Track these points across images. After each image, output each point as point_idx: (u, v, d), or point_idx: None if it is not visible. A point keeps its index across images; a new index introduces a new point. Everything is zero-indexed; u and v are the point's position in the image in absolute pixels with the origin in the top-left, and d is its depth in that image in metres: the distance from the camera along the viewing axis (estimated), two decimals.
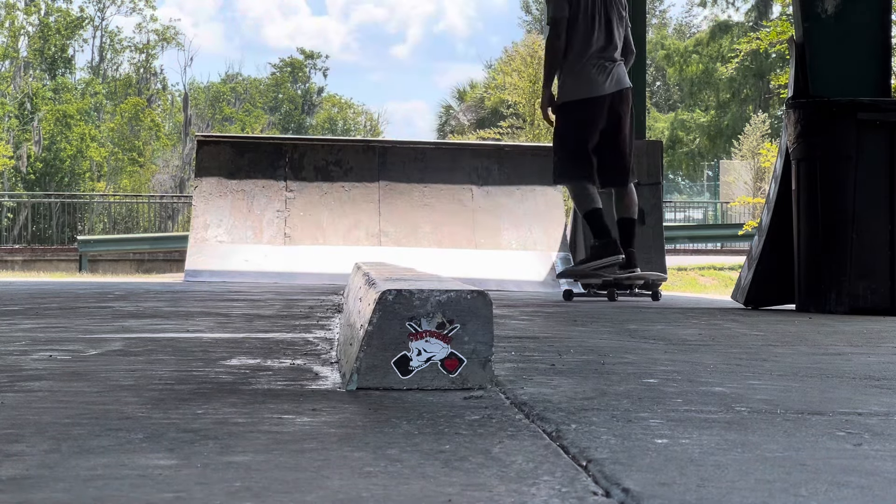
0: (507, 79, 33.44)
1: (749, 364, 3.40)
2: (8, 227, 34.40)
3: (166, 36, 49.68)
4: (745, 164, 37.39)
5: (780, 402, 2.52)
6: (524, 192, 11.55)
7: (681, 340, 4.30)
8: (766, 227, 7.15)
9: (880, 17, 6.89)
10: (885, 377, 3.10)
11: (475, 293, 2.57)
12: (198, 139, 12.00)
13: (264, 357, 3.30)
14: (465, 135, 39.57)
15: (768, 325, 5.35)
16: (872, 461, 1.84)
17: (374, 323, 2.54)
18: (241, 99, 56.31)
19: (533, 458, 1.81)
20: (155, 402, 2.36)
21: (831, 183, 6.52)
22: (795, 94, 6.83)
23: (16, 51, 45.20)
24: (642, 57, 12.12)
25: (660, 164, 11.85)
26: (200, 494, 1.53)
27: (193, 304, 5.96)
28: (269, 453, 1.81)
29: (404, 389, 2.53)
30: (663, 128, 47.96)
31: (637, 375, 3.01)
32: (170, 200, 37.22)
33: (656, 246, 11.58)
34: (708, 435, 2.05)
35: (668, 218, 37.85)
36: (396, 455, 1.81)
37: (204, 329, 4.36)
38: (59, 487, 1.56)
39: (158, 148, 46.13)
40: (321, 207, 11.24)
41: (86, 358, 3.22)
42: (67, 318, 4.92)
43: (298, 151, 11.52)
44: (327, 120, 59.11)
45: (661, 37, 52.49)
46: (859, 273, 6.44)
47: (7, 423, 2.07)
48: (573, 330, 4.98)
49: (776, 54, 35.58)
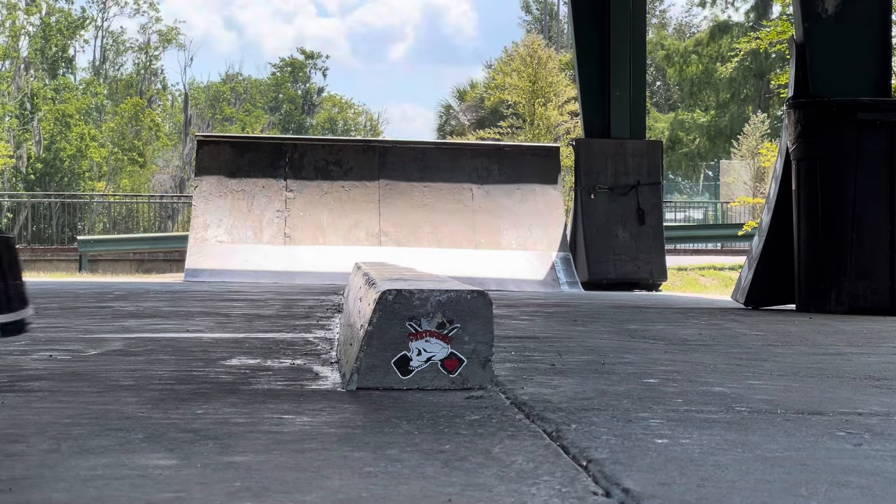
0: (507, 79, 33.42)
1: (749, 364, 3.40)
2: (8, 227, 34.39)
3: (169, 37, 49.71)
4: (745, 165, 37.39)
5: (780, 402, 2.52)
6: (524, 191, 11.55)
7: (681, 340, 4.30)
8: (766, 227, 7.15)
9: (880, 17, 6.89)
10: (885, 377, 3.10)
11: (475, 293, 2.56)
12: (198, 139, 12.00)
13: (264, 357, 3.30)
14: (465, 135, 39.57)
15: (768, 325, 5.35)
16: (872, 461, 1.84)
17: (374, 323, 2.54)
18: (241, 99, 56.31)
19: (533, 458, 1.81)
20: (155, 402, 2.36)
21: (831, 183, 6.52)
22: (795, 94, 6.82)
23: (16, 51, 45.20)
24: (642, 57, 12.13)
25: (660, 164, 11.87)
26: (200, 494, 1.53)
27: (193, 304, 5.95)
28: (269, 453, 1.81)
29: (404, 389, 2.53)
30: (663, 128, 47.95)
31: (637, 375, 3.01)
32: (170, 200, 37.21)
33: (656, 246, 11.59)
34: (708, 435, 2.04)
35: (668, 218, 37.82)
36: (396, 455, 1.81)
37: (204, 329, 4.36)
38: (59, 487, 1.56)
39: (158, 148, 46.12)
40: (321, 207, 11.25)
41: (86, 358, 3.22)
42: (67, 318, 4.92)
43: (298, 151, 11.52)
44: (327, 120, 59.10)
45: (661, 37, 52.48)
46: (859, 273, 6.44)
47: (7, 423, 2.07)
48: (573, 330, 4.97)
49: (776, 54, 35.57)
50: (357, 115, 62.41)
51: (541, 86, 31.21)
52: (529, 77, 31.42)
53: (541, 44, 32.93)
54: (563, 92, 31.24)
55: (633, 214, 11.50)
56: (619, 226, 11.47)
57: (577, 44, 12.18)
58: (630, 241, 11.44)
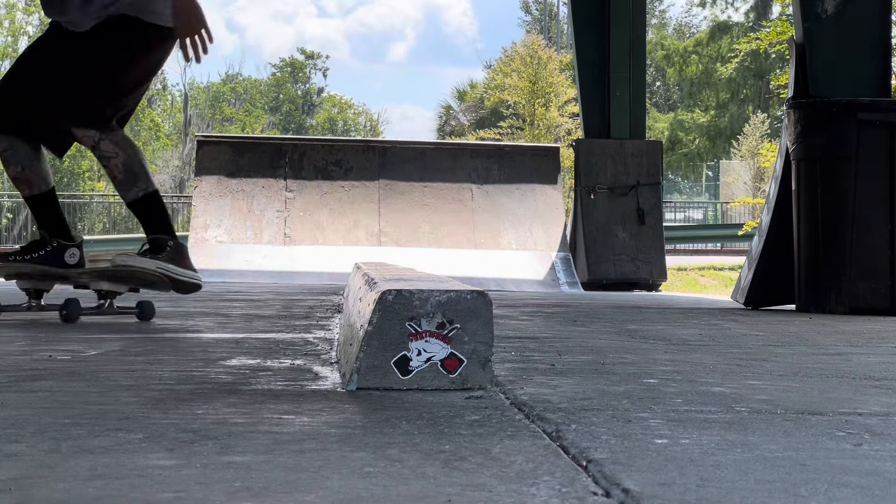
0: (507, 79, 33.43)
1: (749, 364, 3.40)
2: (8, 227, 34.40)
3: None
4: (745, 165, 37.41)
5: (780, 402, 2.52)
6: (524, 191, 11.55)
7: (681, 340, 4.30)
8: (766, 227, 7.15)
9: (880, 16, 6.89)
10: (885, 377, 3.10)
11: (475, 293, 2.57)
12: (197, 139, 12.00)
13: (264, 357, 3.30)
14: (464, 135, 39.58)
15: (768, 325, 5.35)
16: (872, 461, 1.84)
17: (374, 323, 2.54)
18: (241, 99, 56.32)
19: (533, 458, 1.81)
20: (155, 402, 2.36)
21: (831, 183, 6.52)
22: (795, 94, 6.83)
23: (15, 51, 45.18)
24: (642, 57, 12.14)
25: (660, 165, 11.87)
26: (200, 494, 1.53)
27: (193, 304, 5.96)
28: (269, 453, 1.81)
29: (404, 389, 2.53)
30: (663, 128, 47.96)
31: (637, 375, 3.01)
32: (170, 200, 37.19)
33: (656, 246, 11.59)
34: (708, 435, 2.05)
35: (668, 218, 37.85)
36: (396, 455, 1.81)
37: (204, 329, 4.36)
38: (59, 487, 1.56)
39: (158, 148, 46.12)
40: (321, 207, 11.25)
41: (86, 358, 3.22)
42: None
43: (298, 151, 11.53)
44: (327, 120, 59.14)
45: (660, 37, 52.49)
46: (859, 273, 6.44)
47: (7, 423, 2.07)
48: (573, 330, 4.98)
49: (776, 54, 35.59)
50: (357, 116, 62.43)
51: (541, 86, 31.23)
52: (529, 77, 31.44)
53: (541, 44, 32.95)
54: (563, 92, 31.26)
55: (633, 214, 11.50)
56: (618, 226, 11.47)
57: (576, 44, 12.18)
58: (630, 241, 11.45)
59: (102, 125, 4.50)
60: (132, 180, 4.53)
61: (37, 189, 4.65)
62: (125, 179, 4.52)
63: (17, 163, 4.57)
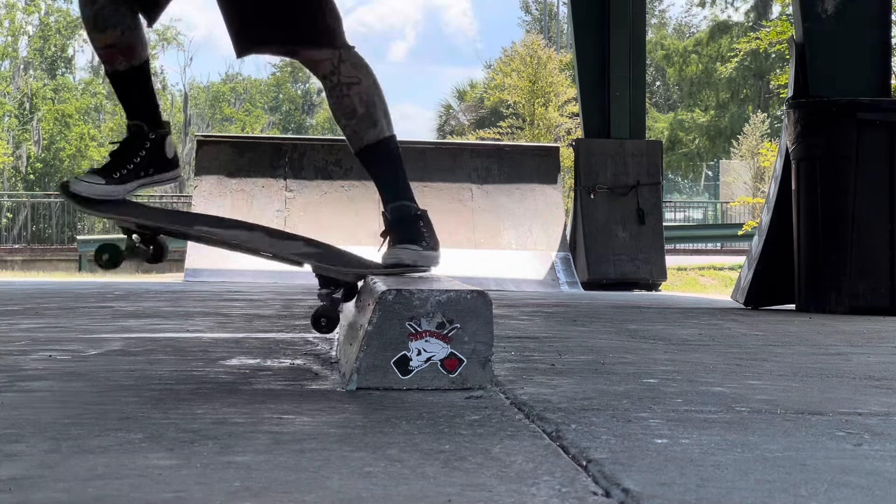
0: (507, 79, 33.43)
1: (749, 364, 3.40)
2: (8, 226, 34.38)
3: (167, 36, 49.67)
4: (745, 164, 37.41)
5: (780, 402, 2.52)
6: (524, 191, 11.55)
7: (681, 340, 4.30)
8: (766, 227, 7.15)
9: (880, 16, 6.89)
10: (885, 377, 3.10)
11: (475, 293, 2.56)
12: (197, 139, 12.00)
13: (264, 357, 3.30)
14: (464, 135, 39.56)
15: (768, 325, 5.35)
16: (872, 461, 1.84)
17: (374, 323, 2.54)
18: (241, 99, 56.31)
19: (533, 458, 1.81)
20: (155, 402, 2.36)
21: (831, 183, 6.52)
22: (795, 94, 6.82)
23: (15, 50, 45.20)
24: (642, 57, 12.13)
25: (660, 164, 11.87)
26: (200, 494, 1.53)
27: (193, 304, 5.96)
28: (269, 453, 1.81)
29: (404, 389, 2.53)
30: (663, 128, 47.95)
31: (637, 375, 3.01)
32: (169, 200, 37.20)
33: (656, 246, 11.59)
34: (708, 435, 2.04)
35: (668, 218, 37.85)
36: (396, 455, 1.81)
37: (204, 329, 4.36)
38: (59, 487, 1.56)
39: None
40: (321, 207, 11.25)
41: (86, 358, 3.22)
42: (67, 318, 4.92)
43: (298, 151, 11.52)
44: (327, 120, 59.10)
45: (660, 37, 52.48)
46: (859, 273, 6.44)
47: (7, 423, 2.07)
48: (573, 330, 4.97)
49: (776, 54, 35.59)
50: None
51: (541, 86, 31.23)
52: (529, 77, 31.44)
53: (541, 44, 32.94)
54: (563, 92, 31.26)
55: (633, 214, 11.50)
56: (618, 226, 11.47)
57: (576, 44, 12.18)
58: (630, 241, 11.44)
59: (341, 42, 3.38)
60: (373, 114, 3.53)
61: (137, 58, 3.45)
62: (366, 114, 3.51)
63: (117, 24, 3.38)
